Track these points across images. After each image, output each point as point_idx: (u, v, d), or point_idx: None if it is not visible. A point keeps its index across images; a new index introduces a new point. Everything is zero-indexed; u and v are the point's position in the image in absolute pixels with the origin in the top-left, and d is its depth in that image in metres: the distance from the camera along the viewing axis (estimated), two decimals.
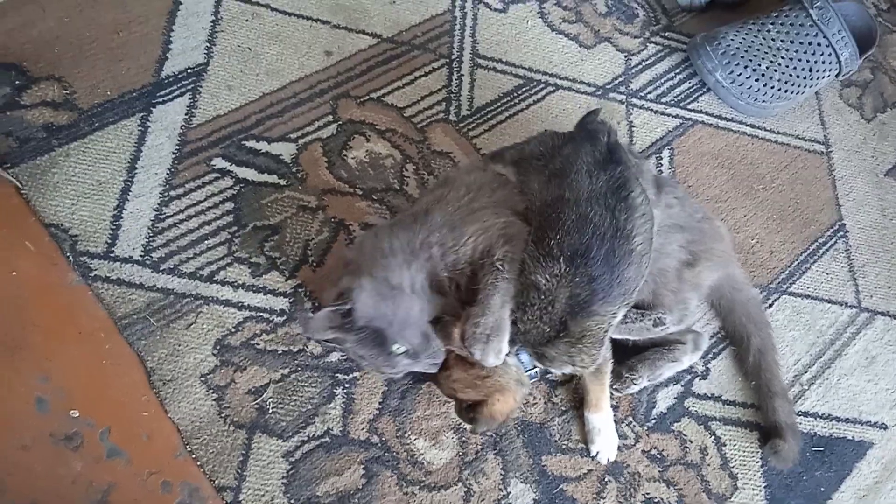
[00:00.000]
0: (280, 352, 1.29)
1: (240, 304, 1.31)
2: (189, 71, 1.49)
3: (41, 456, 1.14)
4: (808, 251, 1.64)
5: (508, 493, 1.27)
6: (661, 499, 1.32)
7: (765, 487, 1.37)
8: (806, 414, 1.46)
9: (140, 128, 1.41)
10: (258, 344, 1.28)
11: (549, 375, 1.36)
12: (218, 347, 1.27)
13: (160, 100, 1.44)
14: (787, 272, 1.60)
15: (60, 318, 1.24)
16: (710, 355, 1.47)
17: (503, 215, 1.22)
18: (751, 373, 1.44)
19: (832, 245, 1.67)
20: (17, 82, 1.38)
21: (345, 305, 1.12)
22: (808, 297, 1.58)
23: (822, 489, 1.40)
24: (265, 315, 1.31)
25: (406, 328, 1.14)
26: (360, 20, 1.65)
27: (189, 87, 1.47)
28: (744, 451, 1.40)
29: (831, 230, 1.69)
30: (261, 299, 1.32)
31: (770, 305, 1.55)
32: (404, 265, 1.16)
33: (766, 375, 1.41)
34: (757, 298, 1.50)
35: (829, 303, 1.59)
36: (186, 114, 1.44)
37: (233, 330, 1.29)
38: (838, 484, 1.41)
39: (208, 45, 1.53)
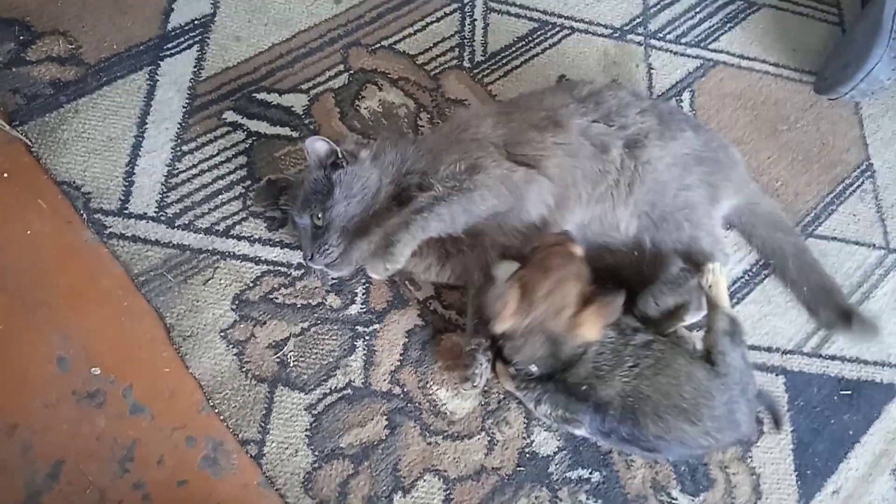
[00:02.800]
0: (299, 305, 1.27)
1: (257, 259, 1.29)
2: (196, 22, 1.46)
3: (65, 414, 1.15)
4: (835, 192, 1.60)
5: (532, 442, 1.26)
6: None
7: (792, 432, 1.35)
8: (833, 357, 1.43)
9: (149, 82, 1.38)
10: (277, 298, 1.27)
11: None
12: (236, 302, 1.26)
13: (168, 52, 1.42)
14: (812, 214, 1.56)
15: (78, 277, 1.23)
16: (735, 300, 1.44)
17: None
18: (797, 279, 1.42)
19: (859, 186, 1.62)
20: (21, 37, 1.36)
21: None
22: (834, 239, 1.54)
23: (851, 432, 1.38)
24: (283, 269, 1.30)
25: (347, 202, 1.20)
26: None
27: (197, 38, 1.44)
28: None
29: (858, 170, 1.64)
30: (278, 253, 1.30)
31: None
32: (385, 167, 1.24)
33: (814, 275, 1.41)
34: (777, 208, 1.48)
35: (856, 244, 1.55)
36: (195, 66, 1.42)
37: (251, 285, 1.27)
38: (867, 427, 1.39)
39: None
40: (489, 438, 1.25)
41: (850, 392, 1.42)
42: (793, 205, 1.56)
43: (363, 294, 1.31)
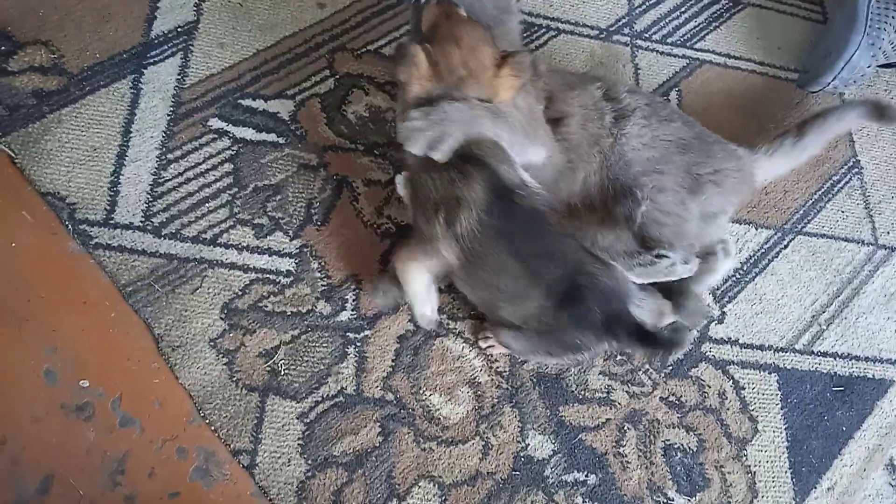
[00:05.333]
0: (289, 313, 1.26)
1: (245, 267, 1.28)
2: (179, 29, 1.44)
3: (54, 427, 1.13)
4: (823, 189, 1.61)
5: (527, 445, 1.25)
6: (681, 444, 1.31)
7: (785, 429, 1.36)
8: (825, 354, 1.44)
9: (132, 90, 1.37)
10: (266, 306, 1.26)
11: None
12: (225, 311, 1.24)
13: (151, 60, 1.40)
14: (801, 212, 1.56)
15: (64, 289, 1.21)
16: (726, 299, 1.44)
17: None
18: None
19: (847, 182, 1.63)
20: (2, 48, 1.34)
21: None
22: (823, 236, 1.55)
23: (844, 428, 1.38)
24: (272, 276, 1.28)
25: None
26: None
27: (180, 46, 1.42)
28: (763, 394, 1.38)
29: (845, 167, 1.65)
30: (266, 261, 1.29)
31: (786, 246, 1.52)
32: None
33: None
34: None
35: (845, 241, 1.56)
36: (179, 74, 1.40)
37: (239, 293, 1.26)
38: (860, 423, 1.39)
39: (198, 1, 1.47)
40: (483, 443, 1.24)
41: (842, 388, 1.42)
42: (782, 203, 1.56)
43: (353, 300, 1.30)
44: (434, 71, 1.11)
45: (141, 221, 1.27)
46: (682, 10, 1.75)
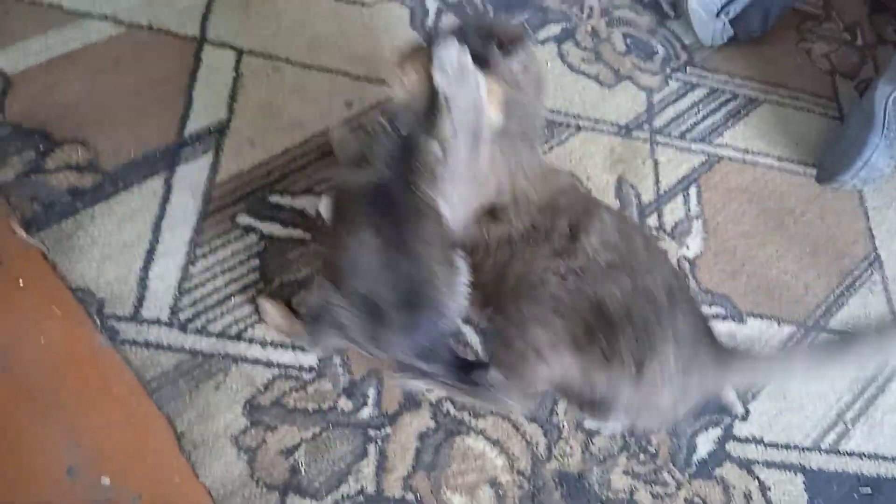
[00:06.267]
0: (311, 410, 1.27)
1: (268, 362, 1.29)
2: (211, 128, 1.49)
3: None
4: (844, 284, 1.61)
5: None
6: None
7: None
8: (851, 453, 1.41)
9: (164, 187, 1.41)
10: (288, 402, 1.26)
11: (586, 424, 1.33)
12: (248, 407, 1.25)
13: (184, 158, 1.44)
14: (823, 307, 1.56)
15: (90, 384, 1.22)
16: (750, 395, 1.43)
17: None
18: None
19: (868, 277, 1.63)
20: (41, 147, 1.39)
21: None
22: (847, 333, 1.54)
23: None
24: (294, 372, 1.29)
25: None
26: (378, 69, 1.65)
27: (212, 144, 1.47)
28: (789, 496, 1.35)
29: (866, 262, 1.65)
30: (289, 356, 1.30)
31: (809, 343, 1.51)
32: None
33: None
34: None
35: None
36: (210, 171, 1.44)
37: (262, 389, 1.27)
38: None
39: (230, 101, 1.53)
40: None
41: (870, 489, 1.39)
42: (804, 298, 1.56)
43: (375, 396, 1.30)
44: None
45: (168, 317, 1.29)
46: (701, 106, 1.79)
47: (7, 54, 1.47)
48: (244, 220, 1.41)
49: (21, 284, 1.27)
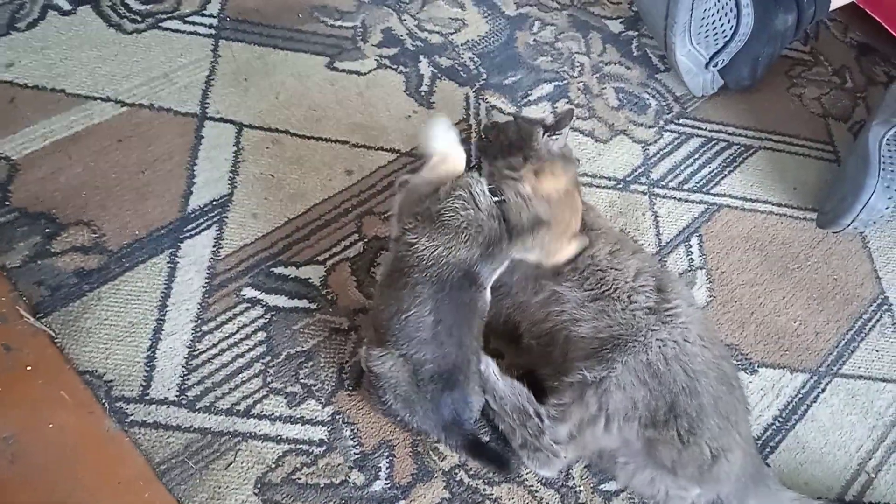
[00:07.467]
0: (322, 485, 1.25)
1: (278, 438, 1.28)
2: (214, 203, 1.50)
3: None
4: (854, 328, 1.60)
5: None
6: None
7: None
8: None
9: (169, 264, 1.41)
10: (299, 479, 1.25)
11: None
12: (259, 486, 1.23)
13: (188, 234, 1.45)
14: (835, 353, 1.55)
15: (99, 468, 1.21)
16: (768, 449, 1.41)
17: None
18: None
19: (878, 320, 1.62)
20: (46, 230, 1.40)
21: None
22: (860, 377, 1.53)
23: None
24: (304, 447, 1.28)
25: None
26: (377, 137, 1.67)
27: (215, 218, 1.48)
28: None
29: (874, 304, 1.64)
30: (299, 430, 1.29)
31: (823, 390, 1.49)
32: None
33: None
34: None
35: (883, 381, 1.53)
36: (214, 246, 1.45)
37: (273, 466, 1.25)
38: None
39: (231, 175, 1.55)
40: None
41: None
42: (814, 345, 1.55)
43: (387, 468, 1.28)
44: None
45: (176, 396, 1.28)
46: (696, 156, 1.81)
47: (14, 141, 1.49)
48: (249, 293, 1.41)
49: (29, 370, 1.27)
